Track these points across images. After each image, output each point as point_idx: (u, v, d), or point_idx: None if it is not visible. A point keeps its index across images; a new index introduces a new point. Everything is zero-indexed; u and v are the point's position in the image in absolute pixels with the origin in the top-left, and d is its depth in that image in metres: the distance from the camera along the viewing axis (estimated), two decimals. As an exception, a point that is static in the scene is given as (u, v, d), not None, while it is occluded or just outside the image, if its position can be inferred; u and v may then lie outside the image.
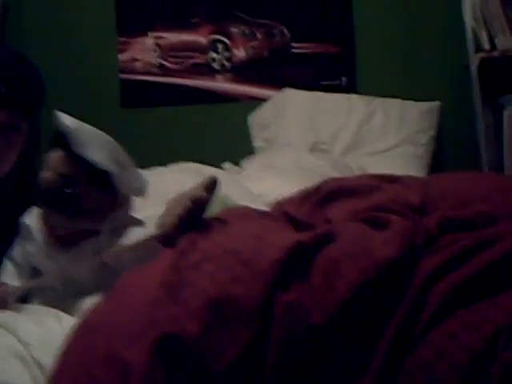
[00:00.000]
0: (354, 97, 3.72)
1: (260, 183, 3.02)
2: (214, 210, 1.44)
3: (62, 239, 1.53)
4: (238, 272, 1.10)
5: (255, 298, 1.07)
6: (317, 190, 1.53)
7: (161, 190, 2.99)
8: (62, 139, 1.52)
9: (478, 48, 3.27)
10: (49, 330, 1.31)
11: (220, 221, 1.29)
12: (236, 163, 3.58)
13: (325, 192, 1.48)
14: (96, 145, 1.51)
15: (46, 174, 1.52)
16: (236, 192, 2.70)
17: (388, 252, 1.16)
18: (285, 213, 1.37)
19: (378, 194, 1.45)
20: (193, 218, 1.33)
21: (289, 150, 3.54)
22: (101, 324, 1.12)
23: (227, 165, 3.53)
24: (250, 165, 3.48)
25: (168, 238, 1.32)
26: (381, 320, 1.12)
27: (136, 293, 1.13)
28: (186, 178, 3.05)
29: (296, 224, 1.33)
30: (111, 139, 1.55)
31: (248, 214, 1.34)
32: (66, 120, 1.52)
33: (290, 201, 1.53)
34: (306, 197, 1.53)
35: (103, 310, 1.16)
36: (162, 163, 3.26)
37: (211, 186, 1.40)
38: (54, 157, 1.53)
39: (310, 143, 3.63)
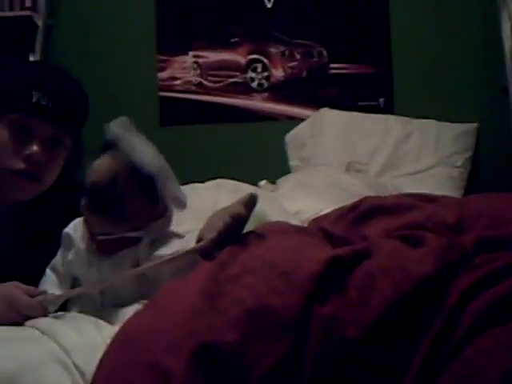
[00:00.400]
0: (390, 117, 3.74)
1: (296, 201, 3.04)
2: (250, 225, 1.46)
3: (102, 246, 1.55)
4: (275, 284, 1.12)
5: (292, 309, 1.10)
6: (353, 207, 1.55)
7: (197, 206, 3.03)
8: (109, 146, 1.54)
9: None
10: (89, 337, 1.33)
11: (258, 235, 1.32)
12: (272, 182, 3.60)
13: (361, 210, 1.50)
14: (143, 150, 1.52)
15: (93, 177, 1.51)
16: (272, 209, 2.72)
17: (424, 268, 1.17)
18: (321, 229, 1.39)
19: (414, 213, 1.47)
20: (232, 233, 1.35)
21: (324, 169, 3.55)
22: (141, 333, 1.14)
23: (263, 183, 3.55)
24: (286, 183, 3.50)
25: (207, 252, 1.34)
26: (415, 336, 1.13)
27: (175, 303, 1.16)
28: (222, 194, 3.08)
29: (332, 240, 1.35)
30: (155, 149, 1.57)
31: (285, 228, 1.37)
32: (115, 126, 1.54)
33: (327, 218, 1.55)
34: (342, 214, 1.55)
35: (143, 319, 1.18)
36: (199, 180, 3.30)
37: (251, 202, 1.42)
38: (102, 161, 1.53)
39: (345, 163, 3.65)
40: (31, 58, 3.94)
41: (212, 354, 1.06)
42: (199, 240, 1.40)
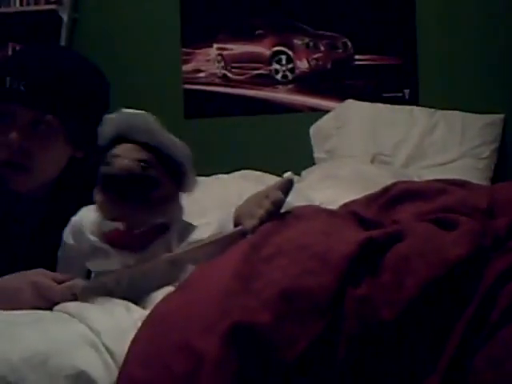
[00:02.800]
0: (416, 109, 3.72)
1: (321, 192, 3.03)
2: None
3: (135, 240, 1.49)
4: (309, 265, 1.12)
5: (326, 290, 1.09)
6: (384, 192, 1.53)
7: (222, 197, 3.03)
8: (127, 134, 1.48)
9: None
10: (119, 319, 1.33)
11: (291, 217, 1.31)
12: (297, 173, 3.59)
13: (392, 194, 1.49)
14: (164, 133, 1.48)
15: (122, 161, 1.42)
16: (297, 200, 2.71)
17: (458, 250, 1.16)
18: (353, 212, 1.38)
19: (446, 197, 1.45)
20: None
21: (350, 160, 3.54)
22: (174, 314, 1.14)
23: (288, 174, 3.54)
24: (311, 175, 3.49)
25: (245, 236, 1.32)
26: (450, 318, 1.12)
27: (209, 284, 1.15)
28: (247, 185, 3.08)
29: (364, 223, 1.34)
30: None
31: (317, 211, 1.36)
32: (131, 112, 1.50)
33: (357, 203, 1.54)
34: (373, 199, 1.54)
35: (176, 300, 1.18)
36: (224, 172, 3.30)
37: (287, 186, 1.41)
38: (125, 147, 1.46)
39: (371, 155, 3.63)
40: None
41: (246, 335, 1.05)
42: (237, 225, 1.38)
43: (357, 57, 3.84)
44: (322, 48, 3.86)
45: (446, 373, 1.09)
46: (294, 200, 2.76)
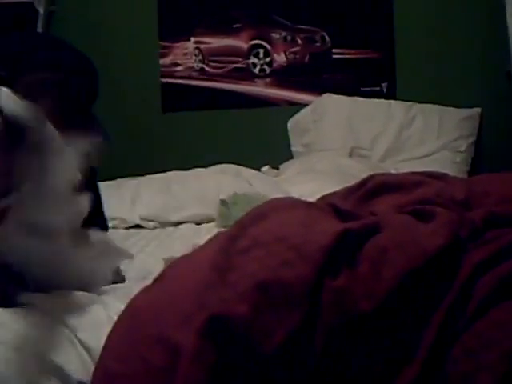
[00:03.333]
0: (393, 103, 3.74)
1: (299, 186, 3.03)
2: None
3: None
4: (287, 257, 1.11)
5: (304, 281, 1.09)
6: (361, 184, 1.53)
7: (201, 191, 3.03)
8: None
9: (521, 54, 3.26)
10: (93, 314, 1.33)
11: (268, 210, 1.31)
12: (274, 167, 3.59)
13: (370, 186, 1.49)
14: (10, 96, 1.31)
15: None
16: (274, 194, 2.71)
17: (436, 241, 1.16)
18: (331, 204, 1.38)
19: (423, 189, 1.46)
20: None
21: (328, 154, 3.55)
22: (150, 307, 1.13)
23: (266, 168, 3.54)
24: (289, 169, 3.49)
25: None
26: (427, 308, 1.12)
27: (185, 276, 1.15)
28: (226, 179, 3.08)
29: (342, 215, 1.34)
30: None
31: (294, 203, 1.36)
32: None
33: (335, 195, 1.54)
34: (350, 191, 1.54)
35: (152, 293, 1.17)
36: (203, 166, 3.29)
37: None
38: None
39: (349, 148, 3.64)
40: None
41: (222, 327, 1.05)
42: None
43: (334, 50, 3.84)
44: (300, 42, 3.86)
45: (424, 362, 1.10)
46: (270, 193, 2.76)
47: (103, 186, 1.97)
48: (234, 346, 1.04)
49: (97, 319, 1.31)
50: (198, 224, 2.94)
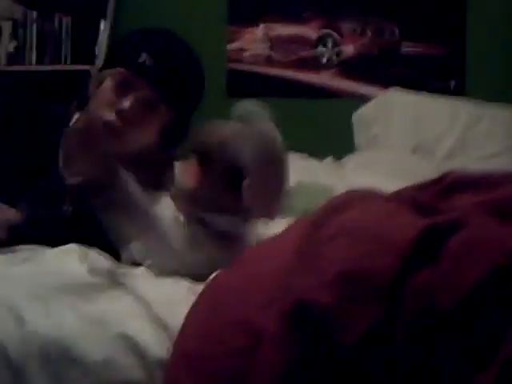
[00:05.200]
0: (460, 101, 3.68)
1: (362, 179, 3.01)
2: (318, 201, 1.40)
3: None
4: (371, 248, 1.10)
5: (387, 273, 1.07)
6: (438, 180, 1.51)
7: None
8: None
9: None
10: (170, 291, 1.33)
11: (349, 199, 1.30)
12: (337, 159, 3.57)
13: (448, 182, 1.47)
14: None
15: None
16: (340, 184, 2.70)
17: (521, 241, 1.14)
18: (411, 197, 1.36)
19: (504, 188, 1.43)
20: None
21: (391, 149, 3.52)
22: (232, 288, 1.13)
23: (328, 159, 3.52)
24: (352, 161, 3.47)
25: None
26: (510, 309, 1.10)
27: (268, 260, 1.14)
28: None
29: (422, 209, 1.32)
30: None
31: (375, 195, 1.34)
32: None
33: (411, 189, 1.52)
34: (426, 187, 1.52)
35: (234, 276, 1.17)
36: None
37: None
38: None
39: (412, 145, 3.60)
40: (102, 25, 3.96)
41: (306, 314, 1.04)
42: None
43: (404, 44, 3.80)
44: (370, 34, 3.82)
45: (503, 366, 1.08)
46: (336, 184, 2.74)
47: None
48: (317, 333, 1.04)
49: (174, 296, 1.32)
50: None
